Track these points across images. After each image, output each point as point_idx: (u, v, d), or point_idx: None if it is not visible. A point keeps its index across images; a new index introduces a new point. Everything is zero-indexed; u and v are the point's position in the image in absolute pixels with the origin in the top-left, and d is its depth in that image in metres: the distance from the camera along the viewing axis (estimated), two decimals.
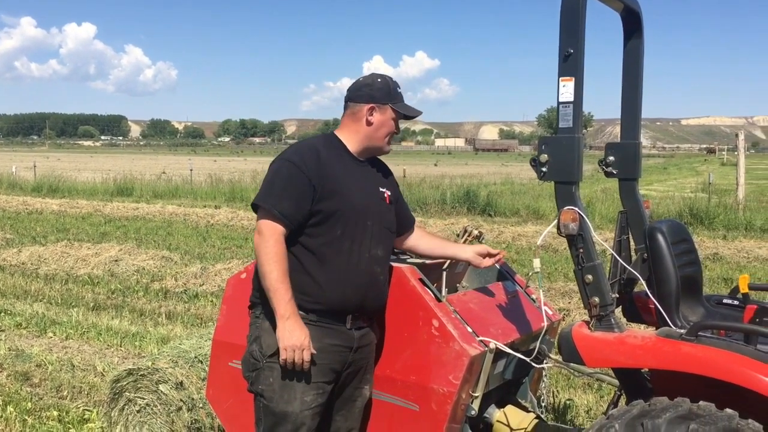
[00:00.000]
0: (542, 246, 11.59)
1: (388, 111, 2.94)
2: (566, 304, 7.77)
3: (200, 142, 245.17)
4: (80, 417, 4.73)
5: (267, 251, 2.73)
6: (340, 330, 2.87)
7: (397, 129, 3.00)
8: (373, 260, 2.91)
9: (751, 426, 2.32)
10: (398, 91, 2.97)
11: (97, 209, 18.20)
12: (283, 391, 2.79)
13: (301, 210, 2.79)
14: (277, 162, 2.89)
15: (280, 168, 2.85)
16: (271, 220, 2.76)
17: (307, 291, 2.82)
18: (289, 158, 2.86)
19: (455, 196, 18.25)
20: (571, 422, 4.63)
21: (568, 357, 2.78)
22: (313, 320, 2.82)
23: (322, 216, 2.82)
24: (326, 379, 2.86)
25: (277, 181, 2.82)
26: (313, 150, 2.89)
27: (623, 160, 3.26)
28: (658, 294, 2.90)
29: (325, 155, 2.88)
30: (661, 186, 30.35)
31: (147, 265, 10.01)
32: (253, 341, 2.87)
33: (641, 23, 3.25)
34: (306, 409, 2.80)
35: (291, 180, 2.80)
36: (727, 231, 14.06)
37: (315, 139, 3.06)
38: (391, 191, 3.08)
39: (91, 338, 6.73)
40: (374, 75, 3.00)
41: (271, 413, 2.82)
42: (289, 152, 2.93)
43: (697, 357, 2.49)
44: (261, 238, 2.76)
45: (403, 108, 2.97)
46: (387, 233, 3.01)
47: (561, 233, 2.72)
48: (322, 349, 2.82)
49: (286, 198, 2.77)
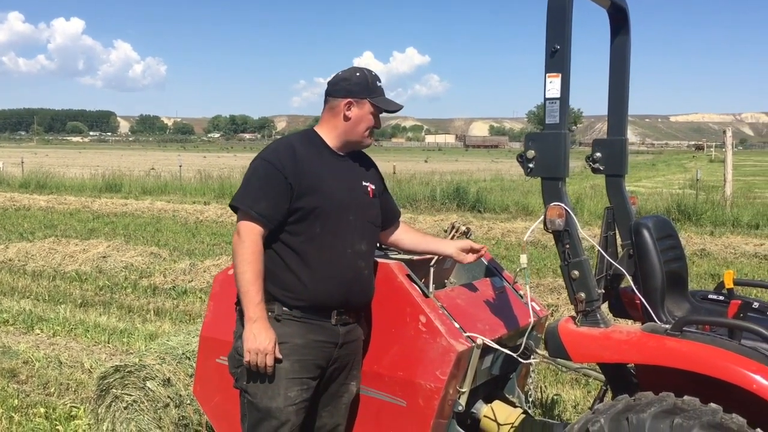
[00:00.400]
0: (531, 242, 11.63)
1: (366, 105, 2.90)
2: (555, 299, 7.80)
3: (190, 138, 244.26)
4: (67, 414, 4.71)
5: (242, 252, 2.75)
6: (325, 326, 2.87)
7: (376, 123, 2.97)
8: (357, 255, 2.90)
9: (735, 420, 2.34)
10: (377, 85, 2.93)
11: (85, 205, 18.12)
12: (267, 387, 2.79)
13: (279, 209, 2.79)
14: (255, 161, 2.89)
15: (257, 168, 2.85)
16: (248, 221, 2.77)
17: (290, 288, 2.82)
18: (266, 157, 2.85)
19: (445, 192, 18.28)
20: (558, 417, 4.65)
21: (555, 352, 2.79)
22: (297, 316, 2.83)
23: (302, 213, 2.82)
24: (310, 375, 2.86)
25: (254, 181, 2.83)
26: (290, 147, 2.88)
27: (610, 157, 3.27)
28: (644, 289, 2.92)
29: (302, 152, 2.87)
30: (649, 182, 30.50)
31: (135, 262, 9.98)
32: (238, 337, 2.86)
33: (628, 20, 3.26)
34: (290, 404, 2.80)
35: (268, 179, 2.80)
36: (714, 227, 14.15)
37: (293, 136, 3.05)
38: (375, 185, 3.06)
39: (78, 335, 6.71)
40: (353, 68, 2.96)
41: (256, 409, 2.82)
42: (266, 151, 2.92)
43: (682, 352, 2.50)
44: (238, 238, 2.77)
45: (382, 102, 2.93)
46: (371, 227, 3.00)
47: (547, 229, 2.73)
48: (306, 345, 2.83)
49: (263, 198, 2.78)
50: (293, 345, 2.82)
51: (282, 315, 2.83)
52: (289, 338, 2.82)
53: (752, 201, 17.07)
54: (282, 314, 2.83)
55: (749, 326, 2.53)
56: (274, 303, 2.83)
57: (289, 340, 2.81)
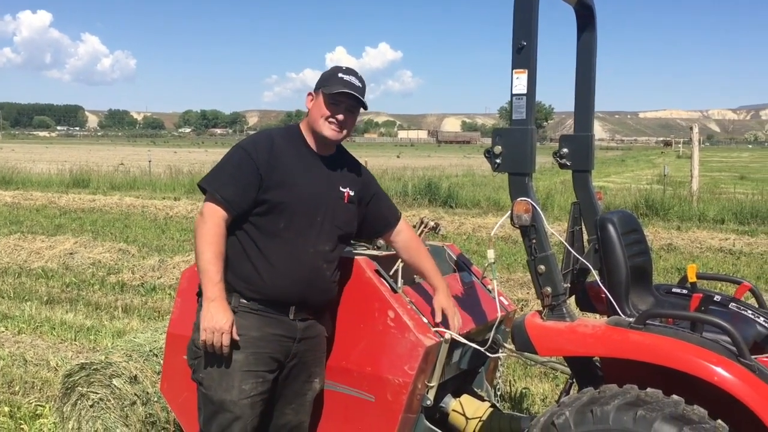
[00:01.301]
0: (502, 237, 11.71)
1: (320, 95, 2.91)
2: (525, 294, 7.87)
3: (160, 133, 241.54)
4: (32, 413, 4.64)
5: (203, 232, 2.77)
6: (282, 320, 2.88)
7: (334, 113, 2.89)
8: (319, 255, 2.88)
9: (696, 411, 2.39)
10: (338, 76, 2.90)
11: (52, 201, 17.81)
12: (221, 379, 2.79)
13: (245, 198, 2.80)
14: (233, 148, 2.94)
15: (233, 154, 2.89)
16: (213, 203, 2.79)
17: (248, 279, 2.83)
18: (243, 146, 2.89)
19: (417, 187, 18.33)
20: (527, 410, 4.70)
21: (521, 346, 2.82)
22: (253, 308, 2.84)
23: (268, 206, 2.82)
24: (266, 368, 2.85)
25: (227, 167, 2.87)
26: (269, 139, 2.91)
27: (576, 152, 3.31)
28: (609, 283, 2.96)
29: (280, 145, 2.89)
30: (618, 178, 30.88)
31: (103, 258, 9.85)
32: (196, 329, 2.85)
33: (594, 17, 3.29)
34: (244, 397, 2.79)
35: (240, 167, 2.82)
36: (681, 222, 14.38)
37: (276, 129, 3.08)
38: (355, 191, 3.02)
39: (44, 333, 6.60)
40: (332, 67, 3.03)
41: (210, 401, 2.82)
42: (245, 140, 2.97)
43: (645, 345, 2.54)
44: (201, 219, 2.80)
45: (327, 89, 2.88)
46: (338, 231, 2.96)
47: (514, 224, 2.75)
48: (262, 338, 2.83)
49: (231, 184, 2.80)
50: (249, 337, 2.81)
51: (239, 307, 2.83)
52: (245, 330, 2.81)
53: (718, 197, 17.36)
54: (239, 306, 2.83)
55: (710, 319, 2.58)
56: (232, 294, 2.83)
57: (245, 333, 2.81)
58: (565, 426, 2.48)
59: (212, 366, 2.80)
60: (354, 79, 2.91)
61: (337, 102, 2.89)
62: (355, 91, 2.89)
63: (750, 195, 16.53)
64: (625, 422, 2.36)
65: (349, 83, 2.89)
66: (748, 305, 3.21)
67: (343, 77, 2.91)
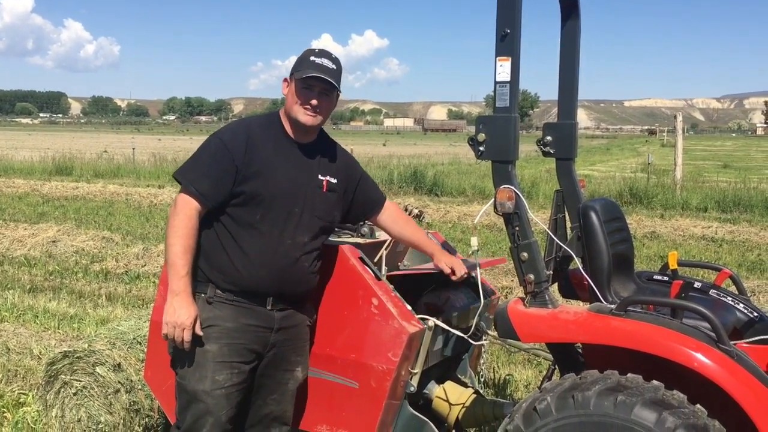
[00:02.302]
0: (487, 225, 11.75)
1: (294, 80, 2.85)
2: (509, 282, 7.90)
3: (144, 120, 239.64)
4: (15, 401, 4.61)
5: (175, 225, 2.74)
6: (259, 311, 2.85)
7: (304, 97, 2.81)
8: (296, 246, 2.85)
9: (676, 396, 2.42)
10: (311, 60, 2.82)
11: (34, 189, 17.64)
12: (195, 369, 2.78)
13: (221, 190, 2.76)
14: (209, 137, 2.88)
15: (209, 144, 2.84)
16: (187, 196, 2.75)
17: (223, 270, 2.81)
18: (220, 136, 2.84)
19: (402, 176, 18.32)
20: (510, 396, 4.73)
21: (504, 333, 2.84)
22: (228, 299, 2.82)
23: (244, 197, 2.78)
24: (242, 359, 2.83)
25: (203, 158, 2.82)
26: (246, 129, 2.86)
27: (560, 140, 3.32)
28: (591, 270, 2.98)
29: (257, 135, 2.84)
30: (603, 166, 31.03)
31: (87, 246, 9.78)
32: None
33: (578, 5, 3.30)
34: (218, 388, 2.78)
35: (215, 158, 2.78)
36: (664, 210, 14.48)
37: (256, 117, 3.02)
38: (337, 178, 2.98)
39: (27, 321, 6.55)
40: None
41: (185, 391, 2.82)
42: (223, 129, 2.92)
43: (626, 331, 2.57)
44: (174, 210, 2.77)
45: (299, 74, 2.80)
46: (318, 222, 2.93)
47: (498, 212, 2.77)
48: (237, 329, 2.81)
49: (206, 176, 2.76)
50: (223, 328, 2.80)
51: (213, 297, 2.81)
52: (220, 321, 2.80)
53: (701, 185, 17.48)
54: (214, 296, 2.81)
55: (690, 305, 2.61)
56: (207, 284, 2.82)
57: (220, 323, 2.80)
58: (546, 411, 2.51)
59: (186, 356, 2.79)
60: (327, 61, 2.83)
61: (310, 86, 2.82)
62: (327, 74, 2.80)
63: (733, 183, 16.66)
64: (605, 407, 2.39)
65: (321, 66, 2.81)
66: (728, 292, 3.25)
67: (315, 60, 2.82)
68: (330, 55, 2.87)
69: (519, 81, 2.74)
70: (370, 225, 3.55)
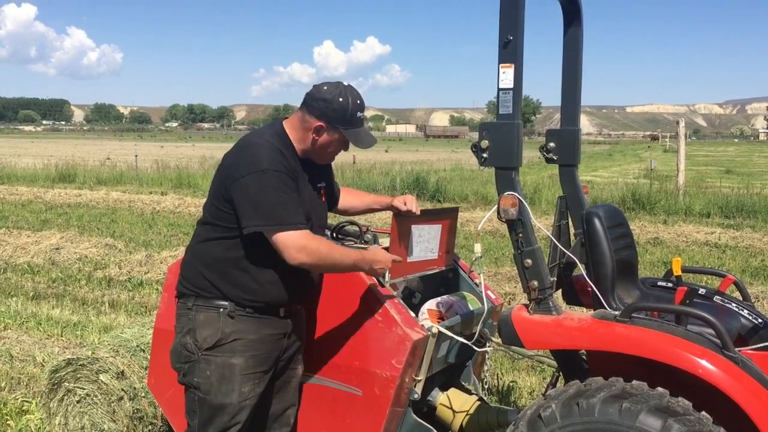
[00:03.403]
0: (490, 231, 11.74)
1: (338, 135, 2.80)
2: (512, 288, 7.89)
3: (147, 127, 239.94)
4: (19, 408, 4.61)
5: (324, 255, 2.68)
6: (275, 320, 2.88)
7: (344, 148, 2.90)
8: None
9: (681, 404, 2.41)
10: (357, 116, 2.80)
11: (37, 196, 17.66)
12: (220, 384, 2.77)
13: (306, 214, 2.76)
14: (261, 175, 2.64)
15: (270, 181, 2.64)
16: (296, 231, 2.64)
17: (246, 288, 2.79)
18: (273, 168, 2.66)
19: (405, 182, 18.33)
20: (514, 404, 4.72)
21: (508, 340, 2.83)
22: (249, 313, 2.82)
23: None
24: (264, 368, 2.86)
25: (274, 197, 2.63)
26: (279, 154, 2.73)
27: (563, 147, 3.32)
28: (595, 277, 2.98)
29: (287, 158, 2.77)
30: (606, 172, 31.00)
31: (90, 253, 9.78)
32: (186, 333, 2.82)
33: (581, 12, 3.30)
34: (244, 400, 2.80)
35: (286, 188, 2.67)
36: (667, 216, 14.45)
37: (272, 138, 2.81)
38: (326, 182, 3.06)
39: (30, 328, 6.55)
40: (339, 90, 2.78)
41: (208, 405, 2.79)
42: (265, 161, 2.67)
43: (630, 338, 2.56)
44: (305, 250, 2.63)
45: (353, 136, 2.81)
46: (321, 232, 3.00)
47: (501, 218, 2.76)
48: (260, 339, 2.83)
49: (297, 209, 2.68)
50: (247, 341, 2.80)
51: (234, 312, 2.79)
52: (243, 334, 2.80)
53: (704, 191, 17.46)
54: (235, 311, 2.79)
55: (694, 312, 2.60)
56: (227, 301, 2.79)
57: (243, 336, 2.80)
58: (551, 419, 2.50)
59: (210, 371, 2.76)
60: (365, 115, 2.91)
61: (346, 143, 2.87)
62: (374, 141, 2.92)
63: (735, 189, 16.64)
64: (610, 414, 2.39)
65: (369, 133, 2.90)
66: (733, 298, 3.24)
67: (361, 117, 2.84)
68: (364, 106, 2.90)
69: (522, 88, 2.74)
70: (373, 232, 3.55)
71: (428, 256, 3.31)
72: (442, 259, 3.41)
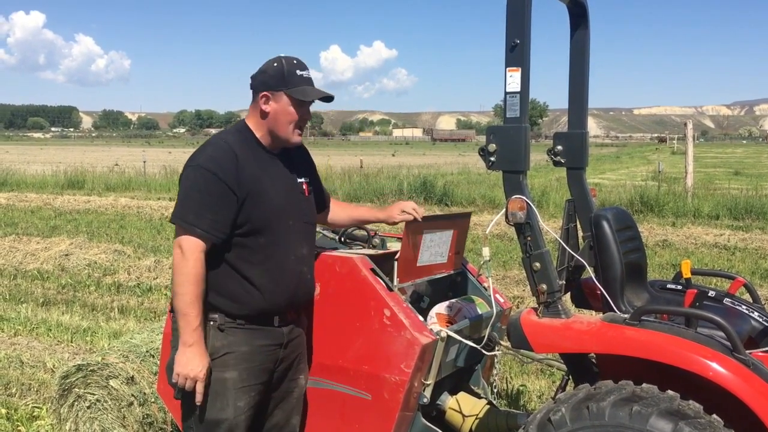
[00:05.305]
0: (498, 235, 11.72)
1: (283, 97, 2.71)
2: (521, 292, 7.88)
3: (155, 133, 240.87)
4: (29, 414, 4.64)
5: (185, 272, 2.58)
6: (269, 330, 2.80)
7: (302, 116, 2.76)
8: (299, 260, 2.82)
9: (692, 407, 2.40)
10: (298, 74, 2.71)
11: (46, 202, 17.77)
12: (215, 399, 2.70)
13: (224, 223, 2.62)
14: (192, 170, 2.65)
15: (196, 178, 2.63)
16: (193, 237, 2.59)
17: (235, 298, 2.71)
18: (205, 165, 2.63)
19: (412, 186, 18.33)
20: (524, 407, 4.71)
21: (517, 343, 2.82)
22: (241, 324, 2.74)
23: (247, 224, 2.68)
24: (260, 381, 2.80)
25: (194, 194, 2.62)
26: (230, 152, 2.67)
27: (571, 150, 3.31)
28: (604, 280, 2.97)
29: (241, 156, 2.68)
30: (613, 174, 30.92)
31: (99, 259, 9.82)
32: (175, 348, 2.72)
33: (587, 15, 3.30)
34: (240, 414, 2.74)
35: (209, 191, 2.60)
36: (676, 218, 14.40)
37: (229, 135, 2.80)
38: (309, 177, 2.96)
39: (40, 334, 6.59)
40: (273, 59, 2.76)
41: (203, 422, 2.73)
42: (203, 157, 2.67)
43: (640, 341, 2.55)
44: (181, 255, 2.58)
45: (299, 93, 2.70)
46: (308, 228, 2.92)
47: (509, 222, 2.76)
48: (252, 351, 2.76)
49: (207, 212, 2.59)
50: (239, 353, 2.73)
51: (225, 324, 2.72)
52: (235, 347, 2.73)
53: (712, 192, 17.38)
54: (225, 323, 2.72)
55: (704, 314, 2.59)
56: (217, 313, 2.71)
57: (235, 349, 2.73)
58: (561, 422, 2.49)
59: (205, 387, 2.68)
60: (310, 75, 2.77)
61: (304, 104, 2.75)
62: (325, 92, 2.76)
63: (744, 190, 16.56)
64: (620, 418, 2.38)
65: (312, 83, 2.75)
66: (743, 300, 3.22)
67: (304, 74, 2.73)
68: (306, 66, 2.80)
69: (529, 91, 2.74)
70: (381, 236, 3.55)
71: (437, 260, 3.32)
72: (450, 263, 3.42)
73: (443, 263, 3.36)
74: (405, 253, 3.05)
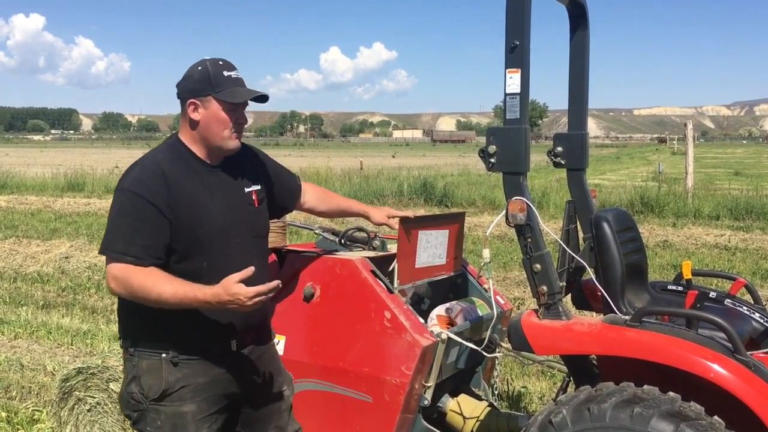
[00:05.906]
0: (498, 236, 11.72)
1: (212, 102, 2.49)
2: (521, 293, 7.88)
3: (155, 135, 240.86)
4: (30, 417, 4.63)
5: (136, 284, 2.34)
6: (227, 356, 2.60)
7: (235, 120, 2.53)
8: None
9: (693, 408, 2.40)
10: (225, 75, 2.50)
11: (46, 205, 17.76)
12: (174, 431, 2.51)
13: (157, 247, 2.40)
14: (118, 194, 2.45)
15: (124, 203, 2.43)
16: (122, 264, 2.38)
17: (184, 331, 2.49)
18: (132, 188, 2.43)
19: (412, 187, 18.32)
20: (524, 409, 4.70)
21: (518, 345, 2.82)
22: (195, 357, 2.53)
23: (186, 251, 2.47)
24: (219, 407, 2.61)
25: (122, 220, 2.42)
26: (158, 172, 2.46)
27: (571, 151, 3.31)
28: (604, 281, 2.97)
29: (172, 174, 2.47)
30: (613, 175, 30.91)
31: (99, 262, 9.80)
32: (131, 381, 2.54)
33: (587, 16, 3.30)
34: None
35: (138, 215, 2.40)
36: (676, 219, 14.39)
37: (159, 152, 2.59)
38: (260, 184, 2.72)
39: (40, 337, 6.59)
40: (198, 62, 2.56)
41: None
42: (129, 179, 2.47)
43: (641, 342, 2.55)
44: (117, 282, 2.37)
45: (228, 95, 2.48)
46: (259, 241, 2.70)
47: (510, 223, 2.76)
48: (210, 381, 2.56)
49: (136, 237, 2.38)
50: (197, 385, 2.54)
51: (178, 357, 2.51)
52: (191, 380, 2.52)
53: (713, 193, 17.36)
54: (178, 358, 2.51)
55: (705, 316, 2.58)
56: (169, 348, 2.50)
57: (191, 382, 2.52)
58: (562, 424, 2.49)
59: (161, 420, 2.50)
60: (239, 74, 2.55)
61: (237, 107, 2.53)
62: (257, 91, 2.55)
63: (745, 191, 16.54)
64: (622, 420, 2.38)
65: (243, 84, 2.55)
66: (744, 301, 3.22)
67: (232, 75, 2.53)
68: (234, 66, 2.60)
69: (529, 92, 2.74)
70: (381, 238, 3.55)
71: (436, 262, 3.31)
72: (450, 265, 3.41)
73: (443, 265, 3.35)
74: (402, 253, 3.05)
